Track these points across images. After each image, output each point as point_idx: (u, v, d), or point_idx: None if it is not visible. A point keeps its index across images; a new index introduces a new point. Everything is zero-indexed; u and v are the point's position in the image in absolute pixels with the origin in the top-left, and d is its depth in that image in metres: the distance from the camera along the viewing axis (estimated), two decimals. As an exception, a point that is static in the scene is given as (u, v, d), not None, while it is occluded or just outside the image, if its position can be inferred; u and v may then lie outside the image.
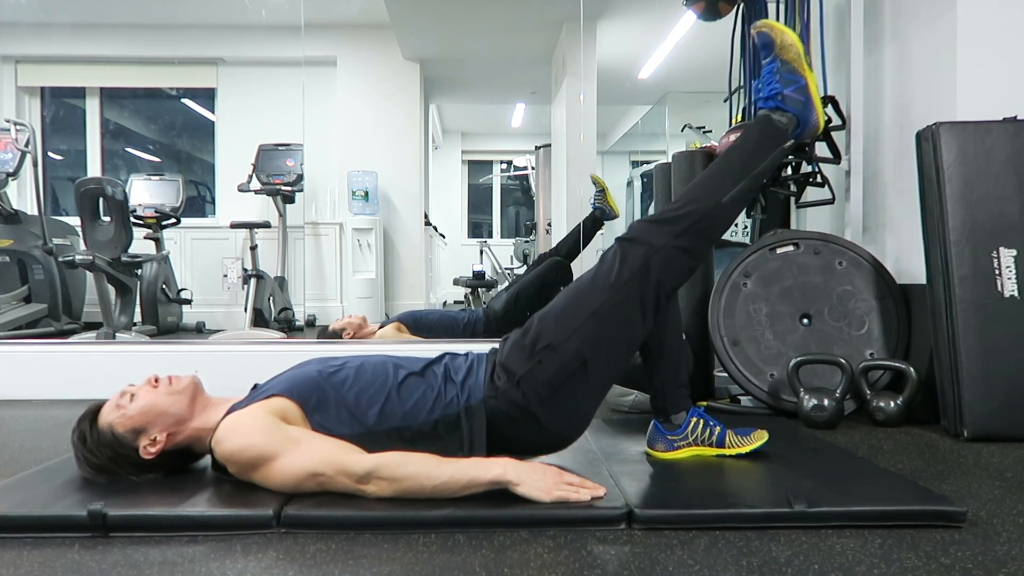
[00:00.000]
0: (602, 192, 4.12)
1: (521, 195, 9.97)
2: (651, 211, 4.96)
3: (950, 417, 2.10)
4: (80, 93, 6.12)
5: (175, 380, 1.51)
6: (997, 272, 2.08)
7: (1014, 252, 2.08)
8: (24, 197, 5.63)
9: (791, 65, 1.70)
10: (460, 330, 3.39)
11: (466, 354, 1.62)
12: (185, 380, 1.52)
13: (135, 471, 1.46)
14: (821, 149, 2.70)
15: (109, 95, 6.19)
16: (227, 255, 5.35)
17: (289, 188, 5.43)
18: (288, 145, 5.51)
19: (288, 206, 5.54)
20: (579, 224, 4.06)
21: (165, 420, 1.46)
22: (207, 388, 1.57)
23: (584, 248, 3.97)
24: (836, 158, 2.69)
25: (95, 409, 1.49)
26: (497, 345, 1.61)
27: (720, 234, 1.70)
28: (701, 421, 1.70)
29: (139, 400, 1.46)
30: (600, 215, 4.11)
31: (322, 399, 1.46)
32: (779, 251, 2.54)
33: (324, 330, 3.35)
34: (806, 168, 2.75)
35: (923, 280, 2.25)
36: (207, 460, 1.54)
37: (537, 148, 6.88)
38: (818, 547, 1.21)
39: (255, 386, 1.54)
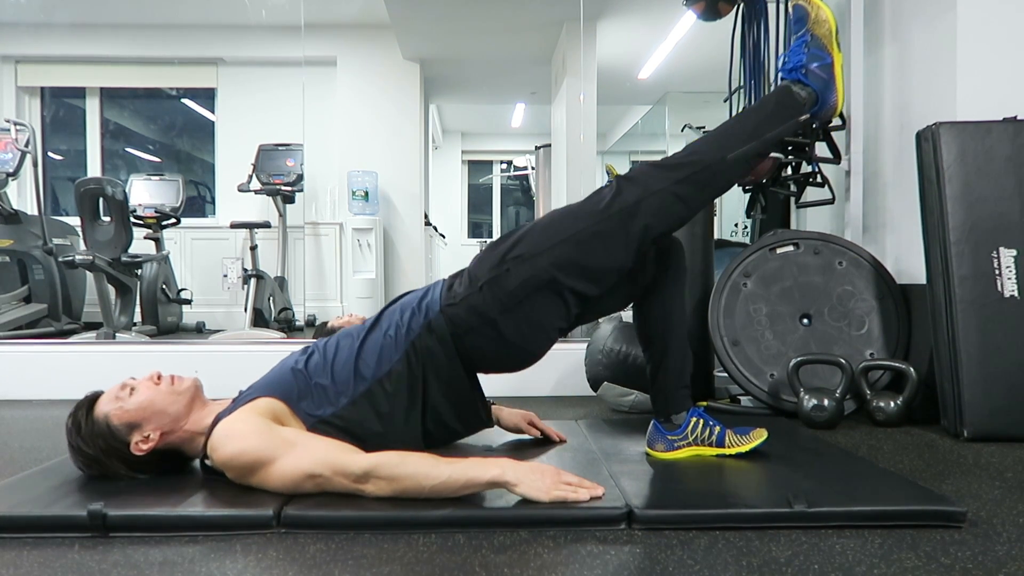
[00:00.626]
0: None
1: (521, 195, 9.97)
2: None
3: (950, 417, 2.10)
4: (80, 93, 6.13)
5: (177, 380, 1.51)
6: (997, 272, 2.08)
7: (1014, 252, 2.08)
8: (24, 197, 5.63)
9: (821, 41, 1.70)
10: None
11: (424, 288, 1.64)
12: (187, 381, 1.52)
13: (124, 467, 1.46)
14: (821, 149, 2.70)
15: (109, 95, 6.19)
16: (227, 255, 5.36)
17: (289, 188, 5.44)
18: (288, 145, 5.51)
19: (288, 206, 5.54)
20: None
21: (161, 419, 1.45)
22: (207, 388, 1.57)
23: None
24: (836, 158, 2.68)
25: (93, 398, 1.49)
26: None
27: (718, 191, 1.70)
28: (701, 421, 1.70)
29: (138, 395, 1.46)
30: None
31: (303, 388, 1.48)
32: (779, 251, 2.54)
33: (322, 327, 3.35)
34: (806, 168, 2.75)
35: (923, 280, 2.25)
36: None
37: (537, 148, 6.89)
38: (818, 547, 1.21)
39: (239, 393, 1.54)
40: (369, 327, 1.57)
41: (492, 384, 1.83)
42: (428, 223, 6.62)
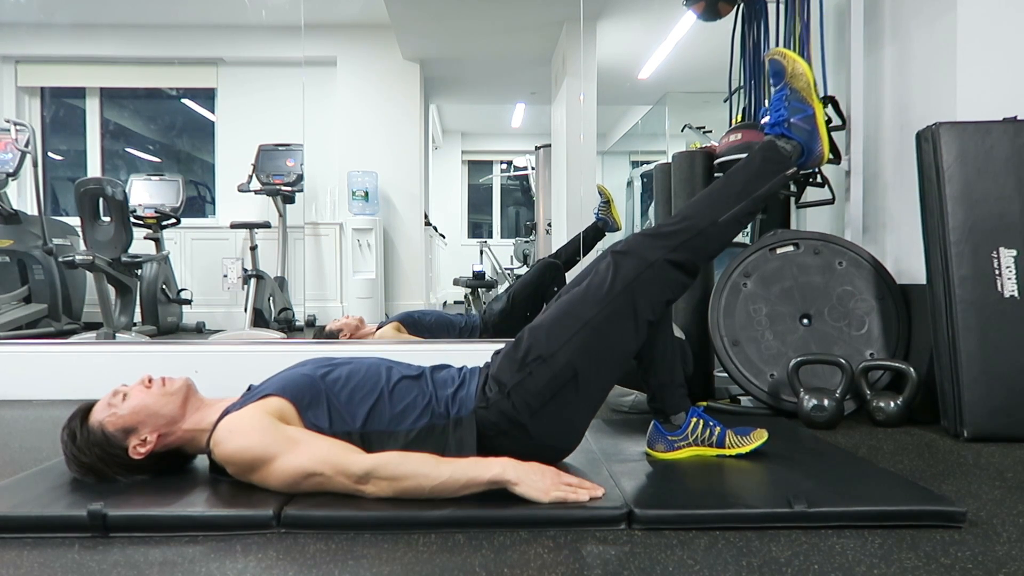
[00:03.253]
0: (607, 203, 4.14)
1: (521, 195, 9.97)
2: (651, 211, 4.97)
3: (950, 417, 2.10)
4: (80, 93, 6.12)
5: (168, 381, 1.51)
6: (997, 272, 2.08)
7: (1014, 252, 2.08)
8: (24, 197, 5.63)
9: (800, 94, 1.72)
10: (456, 332, 3.40)
11: (460, 368, 1.62)
12: (178, 382, 1.52)
13: (124, 471, 1.45)
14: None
15: (109, 95, 6.19)
16: (227, 255, 5.35)
17: (289, 188, 5.44)
18: (288, 145, 5.51)
19: (288, 206, 5.54)
20: (580, 233, 4.07)
21: (156, 421, 1.45)
22: (207, 388, 1.57)
23: (583, 257, 3.99)
24: (836, 158, 2.69)
25: (86, 408, 1.49)
26: (490, 358, 1.61)
27: (714, 253, 1.71)
28: (701, 421, 1.70)
29: (131, 400, 1.46)
30: (603, 226, 4.13)
31: (315, 398, 1.46)
32: (779, 251, 2.53)
33: (321, 331, 3.36)
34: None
35: (923, 280, 2.25)
36: (201, 461, 1.54)
37: (537, 148, 6.89)
38: (818, 547, 1.21)
39: (250, 387, 1.54)
40: (403, 375, 1.54)
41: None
42: (428, 223, 6.62)
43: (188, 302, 5.21)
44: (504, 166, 9.98)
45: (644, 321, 1.54)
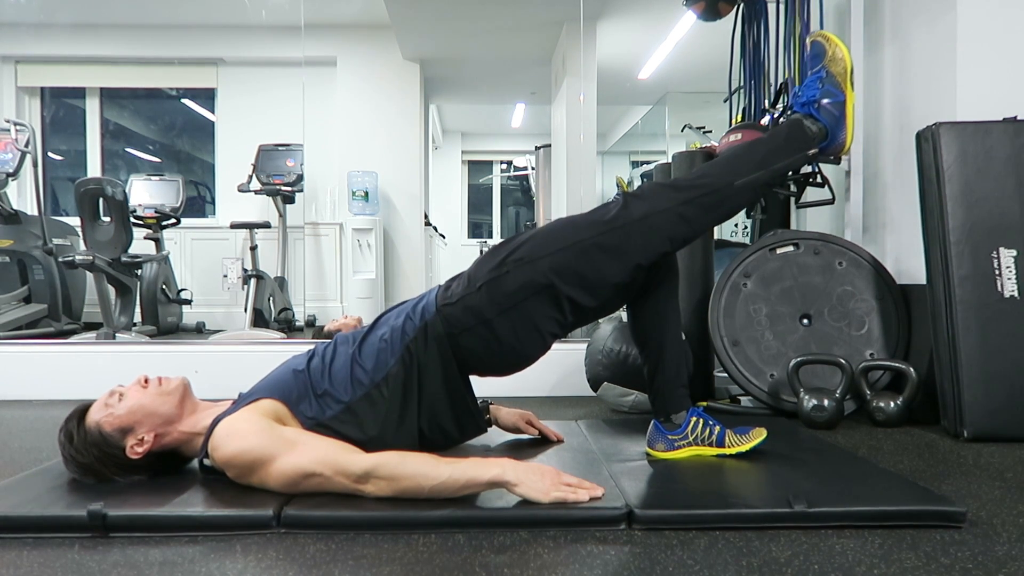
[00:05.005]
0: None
1: (521, 195, 9.97)
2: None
3: (950, 417, 2.10)
4: (80, 93, 6.13)
5: (165, 381, 1.51)
6: (997, 272, 2.08)
7: (1014, 252, 2.08)
8: (24, 197, 5.63)
9: (836, 79, 1.74)
10: None
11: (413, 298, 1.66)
12: (175, 381, 1.52)
13: (121, 472, 1.46)
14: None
15: (109, 95, 6.19)
16: (227, 255, 5.35)
17: (289, 188, 5.44)
18: (288, 145, 5.52)
19: (288, 206, 5.54)
20: None
21: (153, 420, 1.46)
22: (207, 388, 1.58)
23: None
24: (836, 158, 2.69)
25: (83, 409, 1.49)
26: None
27: (723, 216, 1.72)
28: (701, 421, 1.70)
29: (127, 400, 1.46)
30: None
31: (301, 391, 1.48)
32: (779, 251, 2.53)
33: (320, 331, 3.36)
34: (806, 168, 2.74)
35: (923, 280, 2.25)
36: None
37: (537, 148, 6.89)
38: (818, 547, 1.21)
39: (239, 395, 1.54)
40: (365, 332, 1.58)
41: (492, 384, 1.83)
42: (428, 223, 6.62)
43: (188, 302, 5.21)
44: (504, 166, 9.98)
45: (633, 262, 1.55)
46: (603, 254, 1.53)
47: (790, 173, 2.74)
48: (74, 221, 4.87)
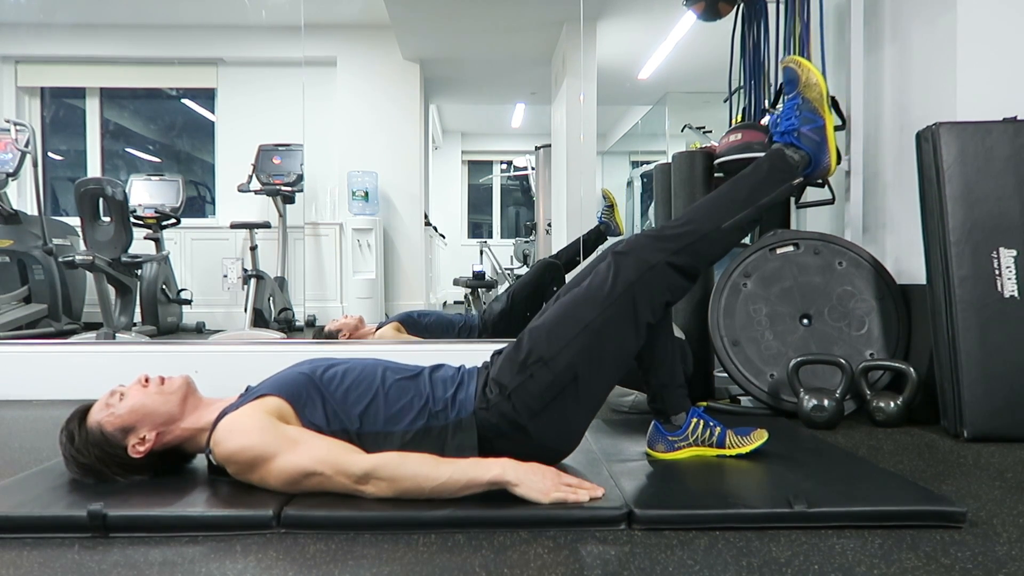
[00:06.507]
0: (611, 208, 4.14)
1: (521, 195, 9.97)
2: (651, 212, 4.97)
3: (950, 417, 2.10)
4: (80, 93, 6.12)
5: (166, 380, 1.51)
6: (997, 272, 2.08)
7: (1014, 252, 2.08)
8: (24, 197, 5.63)
9: (812, 104, 1.72)
10: (456, 332, 3.40)
11: (459, 367, 1.61)
12: (177, 380, 1.52)
13: (123, 471, 1.45)
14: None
15: (109, 95, 6.19)
16: (227, 255, 5.35)
17: (289, 188, 5.44)
18: (288, 145, 5.52)
19: (288, 206, 5.54)
20: (580, 237, 4.06)
21: (154, 419, 1.45)
22: (207, 388, 1.57)
23: (583, 260, 3.99)
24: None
25: (84, 409, 1.49)
26: (490, 357, 1.61)
27: (716, 258, 1.71)
28: (701, 422, 1.70)
29: (128, 399, 1.46)
30: (604, 229, 4.13)
31: (310, 397, 1.46)
32: (779, 251, 2.53)
33: (320, 331, 3.36)
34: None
35: (923, 280, 2.25)
36: (200, 461, 1.54)
37: (537, 148, 6.89)
38: (818, 547, 1.21)
39: (247, 388, 1.54)
40: (400, 376, 1.53)
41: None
42: (428, 223, 6.61)
43: (188, 302, 5.21)
44: (504, 166, 9.98)
45: (644, 323, 1.54)
46: (615, 327, 1.51)
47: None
48: (74, 221, 4.86)
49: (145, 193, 5.29)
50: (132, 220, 4.70)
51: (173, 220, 5.16)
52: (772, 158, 1.72)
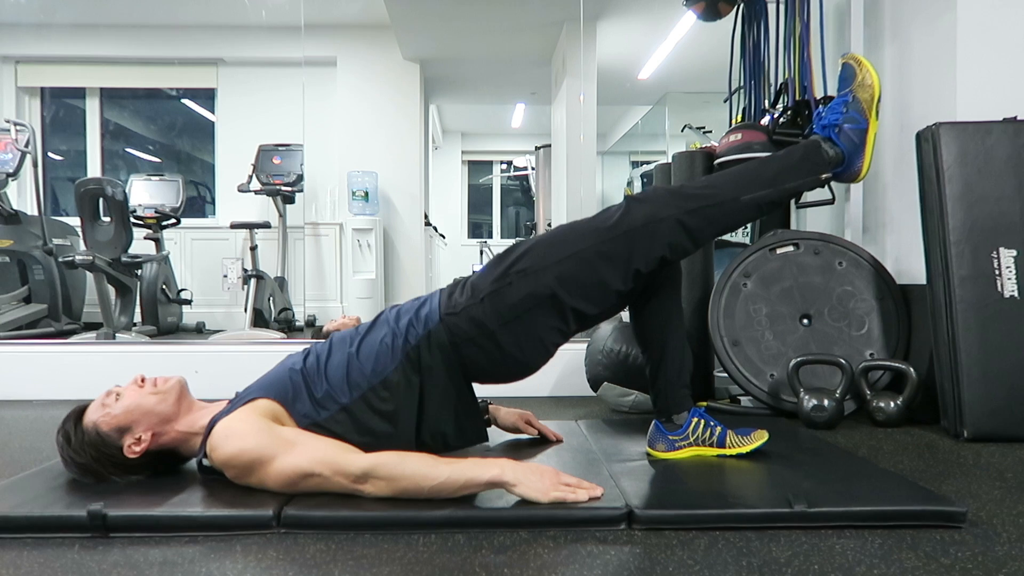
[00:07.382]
0: None
1: (521, 195, 9.97)
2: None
3: (950, 417, 2.10)
4: (80, 93, 6.13)
5: (161, 380, 1.51)
6: (997, 272, 2.08)
7: (1014, 252, 2.08)
8: (24, 197, 5.64)
9: (861, 105, 1.72)
10: None
11: (416, 298, 1.64)
12: (171, 381, 1.52)
13: (119, 471, 1.46)
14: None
15: (109, 95, 6.19)
16: (227, 255, 5.35)
17: (289, 188, 5.44)
18: (288, 145, 5.52)
19: (288, 206, 5.54)
20: None
21: (150, 419, 1.46)
22: (207, 388, 1.57)
23: None
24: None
25: (80, 409, 1.50)
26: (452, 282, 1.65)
27: (725, 229, 1.71)
28: (702, 421, 1.70)
29: (124, 399, 1.46)
30: None
31: (297, 391, 1.48)
32: (779, 251, 2.53)
33: (320, 331, 3.36)
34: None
35: (923, 280, 2.25)
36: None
37: (537, 148, 6.89)
38: (818, 547, 1.21)
39: (236, 394, 1.54)
40: (364, 333, 1.57)
41: (491, 384, 1.83)
42: (428, 223, 6.62)
43: (188, 302, 5.21)
44: (504, 166, 9.98)
45: (633, 269, 1.54)
46: (605, 262, 1.52)
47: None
48: (74, 221, 4.87)
49: (145, 193, 5.29)
50: (132, 220, 4.70)
51: (173, 220, 5.16)
52: (808, 147, 1.71)
